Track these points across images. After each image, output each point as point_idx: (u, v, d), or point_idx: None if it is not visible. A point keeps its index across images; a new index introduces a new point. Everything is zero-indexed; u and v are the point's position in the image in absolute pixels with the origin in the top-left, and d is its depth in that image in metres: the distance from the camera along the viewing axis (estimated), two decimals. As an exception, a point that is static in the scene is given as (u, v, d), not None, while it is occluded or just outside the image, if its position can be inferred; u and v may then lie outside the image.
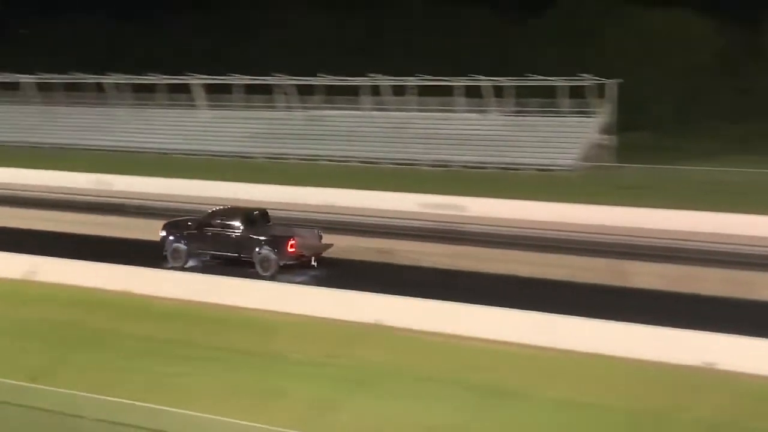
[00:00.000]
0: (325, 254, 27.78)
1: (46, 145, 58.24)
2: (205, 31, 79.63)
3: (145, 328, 21.64)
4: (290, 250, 26.52)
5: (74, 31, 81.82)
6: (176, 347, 20.19)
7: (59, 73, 63.01)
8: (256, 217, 28.46)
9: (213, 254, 28.14)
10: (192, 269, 27.25)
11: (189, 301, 23.62)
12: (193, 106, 60.68)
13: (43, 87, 64.30)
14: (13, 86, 64.82)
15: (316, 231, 28.43)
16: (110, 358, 19.34)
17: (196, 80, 59.54)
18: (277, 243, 26.76)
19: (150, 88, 61.99)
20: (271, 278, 26.03)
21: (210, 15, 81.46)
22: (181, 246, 28.00)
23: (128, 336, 21.06)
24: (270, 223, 28.75)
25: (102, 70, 63.11)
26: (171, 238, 28.18)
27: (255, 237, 27.05)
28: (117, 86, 62.54)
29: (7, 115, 63.20)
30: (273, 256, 26.55)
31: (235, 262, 27.06)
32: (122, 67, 64.85)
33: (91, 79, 62.71)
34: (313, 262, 27.32)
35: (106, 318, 22.55)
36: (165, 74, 60.41)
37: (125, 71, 62.70)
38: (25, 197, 40.81)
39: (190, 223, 28.60)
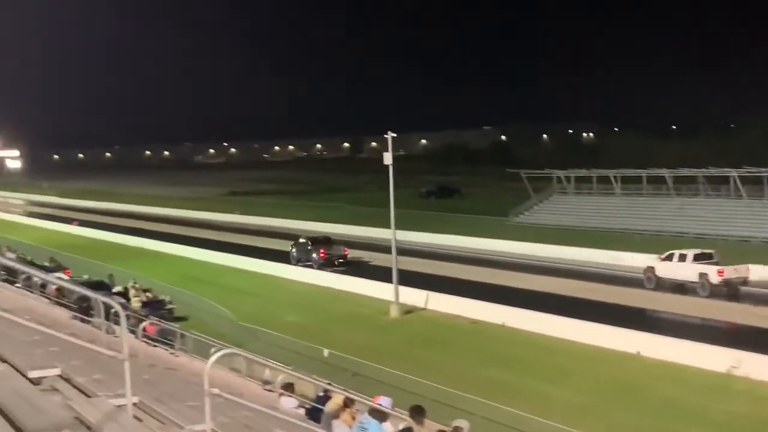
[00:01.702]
0: None
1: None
2: None
3: None
4: (321, 254, 50.22)
5: None
6: None
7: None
8: (320, 239, 52.81)
9: (302, 259, 51.22)
10: None
11: None
12: None
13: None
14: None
15: (343, 246, 51.69)
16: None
17: None
18: (317, 251, 50.19)
19: None
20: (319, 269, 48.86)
21: None
22: (294, 254, 51.94)
23: None
24: (329, 243, 52.05)
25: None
26: (293, 250, 52.32)
27: (311, 248, 50.83)
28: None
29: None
30: (316, 258, 50.10)
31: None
32: None
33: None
34: (336, 263, 49.66)
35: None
36: None
37: None
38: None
39: (297, 242, 52.83)
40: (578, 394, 24.98)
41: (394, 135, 40.57)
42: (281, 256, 53.95)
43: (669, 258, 40.64)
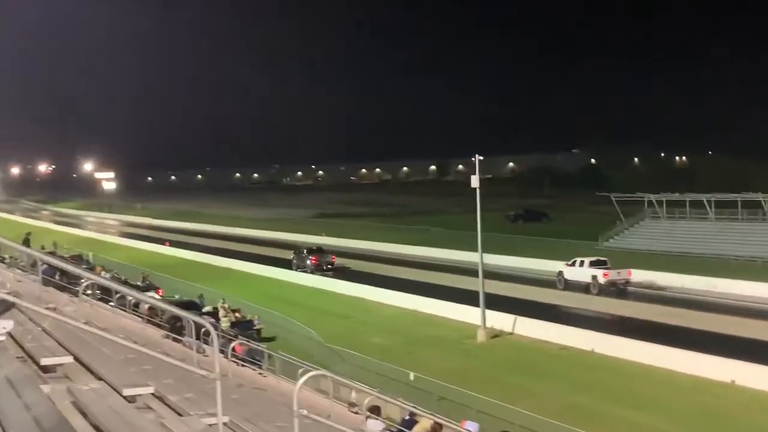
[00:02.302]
0: None
1: None
2: None
3: None
4: (313, 261, 60.87)
5: None
6: None
7: None
8: (314, 249, 64.43)
9: (300, 265, 61.59)
10: None
11: None
12: None
13: None
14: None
15: (330, 255, 62.39)
16: None
17: None
18: (310, 258, 61.20)
19: None
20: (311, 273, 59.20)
21: None
22: (294, 261, 62.40)
23: None
24: (320, 252, 63.36)
25: None
26: (293, 258, 62.98)
27: (306, 256, 61.94)
28: None
29: None
30: (309, 264, 60.77)
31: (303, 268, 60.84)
32: None
33: None
34: (324, 268, 59.95)
35: None
36: None
37: None
38: None
39: (296, 251, 64.41)
40: (668, 422, 24.33)
41: (481, 158, 40.39)
42: (367, 279, 54.21)
43: (573, 264, 50.35)
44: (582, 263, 49.52)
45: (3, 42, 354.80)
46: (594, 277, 48.24)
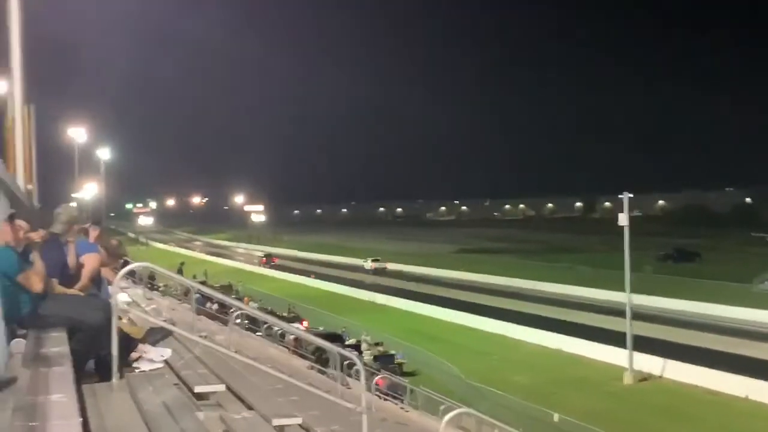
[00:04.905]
0: None
1: None
2: None
3: None
4: (263, 261, 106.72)
5: None
6: None
7: None
8: (266, 254, 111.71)
9: (258, 263, 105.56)
10: None
11: None
12: None
13: None
14: None
15: (273, 256, 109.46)
16: None
17: None
18: (262, 260, 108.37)
19: None
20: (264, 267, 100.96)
21: None
22: (256, 261, 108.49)
23: None
24: (270, 255, 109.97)
25: None
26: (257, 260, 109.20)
27: (259, 258, 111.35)
28: None
29: None
30: (260, 263, 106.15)
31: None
32: None
33: None
34: (270, 265, 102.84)
35: None
36: None
37: None
38: None
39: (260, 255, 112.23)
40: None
41: (630, 195, 39.39)
42: (508, 316, 53.47)
43: (365, 260, 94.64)
44: (368, 259, 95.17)
45: (162, 79, 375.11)
46: (370, 266, 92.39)
